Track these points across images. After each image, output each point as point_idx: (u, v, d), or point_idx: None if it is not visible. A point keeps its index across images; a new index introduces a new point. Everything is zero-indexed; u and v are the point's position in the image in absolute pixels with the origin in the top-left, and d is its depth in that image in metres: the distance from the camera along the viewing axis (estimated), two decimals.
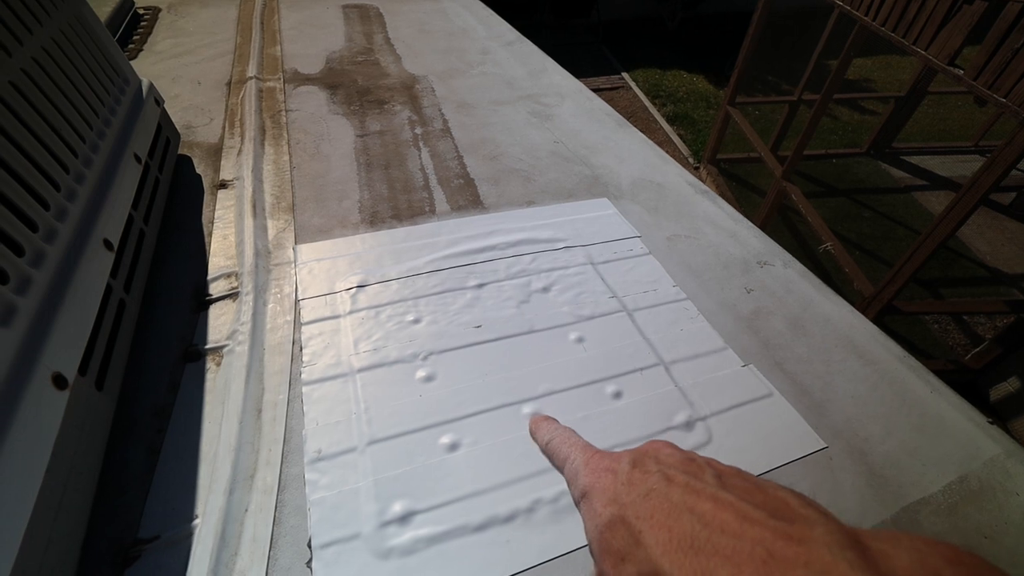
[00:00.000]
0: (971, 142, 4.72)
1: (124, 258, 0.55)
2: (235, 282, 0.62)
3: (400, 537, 0.40)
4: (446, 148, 0.89)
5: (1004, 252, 3.78)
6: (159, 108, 0.77)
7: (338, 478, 0.44)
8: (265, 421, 0.48)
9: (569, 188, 0.81)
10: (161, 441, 0.46)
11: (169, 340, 0.55)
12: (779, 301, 0.63)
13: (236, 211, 0.72)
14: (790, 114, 4.04)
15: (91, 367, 0.44)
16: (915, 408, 0.52)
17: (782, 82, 5.74)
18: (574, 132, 0.95)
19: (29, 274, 0.40)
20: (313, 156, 0.85)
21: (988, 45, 1.97)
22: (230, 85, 1.05)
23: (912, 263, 2.38)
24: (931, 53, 2.24)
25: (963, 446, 0.48)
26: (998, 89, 1.94)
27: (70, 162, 0.51)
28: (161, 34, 1.28)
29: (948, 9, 2.14)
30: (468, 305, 0.60)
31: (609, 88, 5.93)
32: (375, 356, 0.54)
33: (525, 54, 1.26)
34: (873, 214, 4.17)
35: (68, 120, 0.52)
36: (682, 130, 5.33)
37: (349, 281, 0.62)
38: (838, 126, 5.21)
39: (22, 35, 0.48)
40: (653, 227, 0.74)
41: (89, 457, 0.42)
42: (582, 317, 0.59)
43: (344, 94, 1.04)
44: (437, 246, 0.68)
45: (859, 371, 0.55)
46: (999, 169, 1.95)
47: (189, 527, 0.41)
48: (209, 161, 0.83)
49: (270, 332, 0.56)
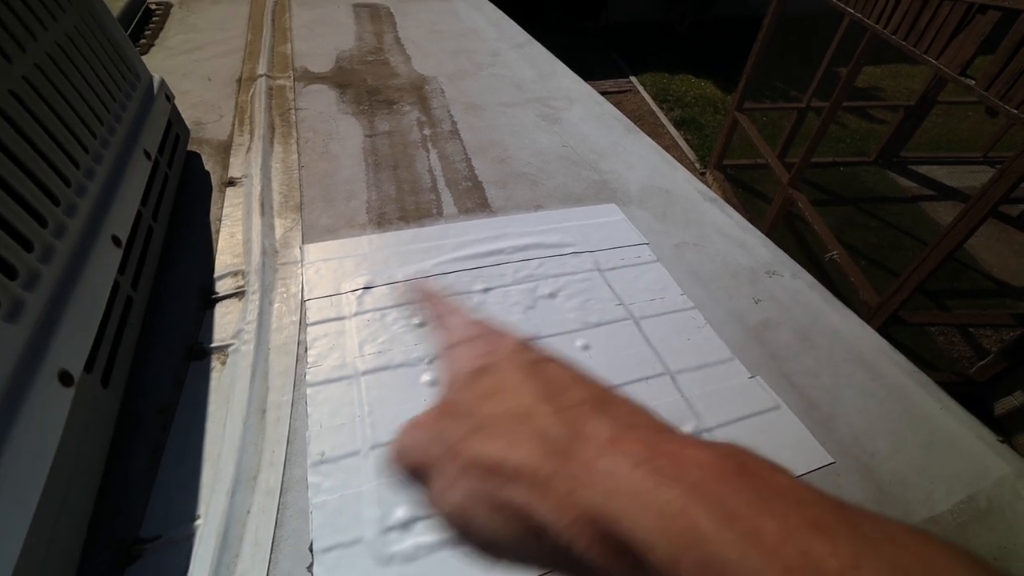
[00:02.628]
0: (980, 153, 4.69)
1: (132, 255, 0.55)
2: (242, 281, 0.62)
3: (402, 543, 0.40)
4: (454, 150, 0.89)
5: (1012, 265, 3.75)
6: (169, 104, 0.77)
7: (341, 482, 0.44)
8: (269, 422, 0.48)
9: (577, 193, 0.81)
10: (164, 440, 0.46)
11: (174, 338, 0.55)
12: (787, 312, 0.63)
13: (244, 209, 0.72)
14: (798, 121, 4.03)
15: (97, 364, 0.44)
16: (924, 424, 0.51)
17: (790, 89, 5.72)
18: (583, 136, 0.95)
19: (38, 269, 0.40)
20: (322, 155, 0.85)
21: (1001, 55, 1.96)
22: (240, 82, 1.05)
23: (918, 274, 2.36)
24: (942, 62, 2.22)
25: (973, 464, 0.48)
26: (1010, 100, 1.92)
27: (81, 158, 0.51)
28: (172, 29, 1.28)
29: (960, 18, 2.12)
30: (474, 309, 0.60)
31: (617, 91, 5.92)
32: (380, 359, 0.53)
33: (535, 56, 1.25)
34: (880, 223, 4.15)
35: (79, 115, 0.52)
36: (689, 135, 5.32)
37: (355, 282, 0.62)
38: (846, 134, 5.19)
39: (36, 30, 0.48)
40: (661, 234, 0.74)
41: (93, 455, 0.42)
42: (588, 324, 0.59)
43: (353, 93, 1.04)
44: (444, 249, 0.68)
45: (868, 385, 0.55)
46: (1009, 180, 1.94)
47: (191, 527, 0.41)
48: (218, 158, 0.83)
49: (275, 332, 0.56)
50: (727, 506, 0.13)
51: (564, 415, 0.18)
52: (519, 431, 0.18)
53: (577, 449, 0.17)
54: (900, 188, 4.51)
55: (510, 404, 0.20)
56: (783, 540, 0.12)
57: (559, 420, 0.18)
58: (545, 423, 0.18)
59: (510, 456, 0.18)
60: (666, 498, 0.14)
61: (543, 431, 0.18)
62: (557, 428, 0.18)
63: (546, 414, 0.19)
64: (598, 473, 0.16)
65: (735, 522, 0.13)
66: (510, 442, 0.18)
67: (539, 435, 0.18)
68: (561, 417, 0.18)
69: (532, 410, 0.19)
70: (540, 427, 0.18)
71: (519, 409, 0.19)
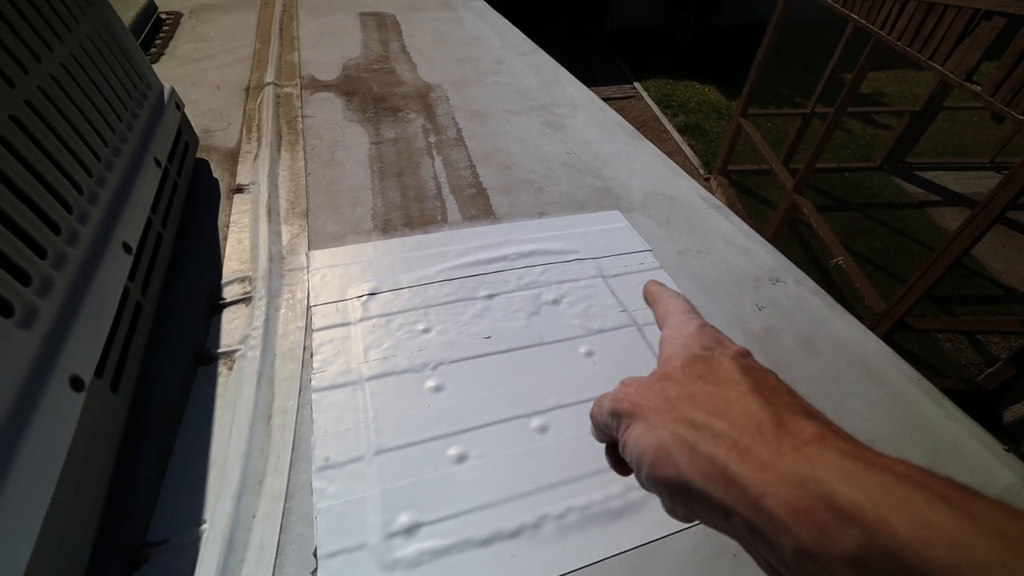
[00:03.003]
0: (987, 158, 4.67)
1: (142, 261, 0.56)
2: (248, 287, 0.62)
3: (405, 549, 0.40)
4: (459, 157, 0.90)
5: (1019, 271, 3.72)
6: (179, 113, 0.78)
7: (345, 487, 0.44)
8: (275, 427, 0.48)
9: (581, 200, 0.81)
10: (172, 444, 0.47)
11: (182, 343, 0.56)
12: (791, 319, 0.63)
13: (251, 216, 0.73)
14: (803, 127, 4.03)
15: (107, 369, 0.45)
16: (929, 432, 0.51)
17: (795, 95, 5.73)
18: (586, 143, 0.95)
19: (51, 276, 0.41)
20: (328, 162, 0.86)
21: (1007, 61, 1.95)
22: (248, 90, 1.07)
23: (925, 280, 2.35)
24: (948, 68, 2.22)
25: (978, 473, 0.48)
26: (1016, 105, 1.92)
27: (93, 166, 0.52)
28: (182, 39, 1.30)
29: (966, 24, 2.12)
30: (478, 316, 0.60)
31: (621, 97, 5.94)
32: (385, 365, 0.54)
33: (539, 64, 1.27)
34: (886, 229, 4.13)
35: (92, 124, 0.53)
36: (693, 140, 5.33)
37: (361, 288, 0.62)
38: (851, 140, 5.18)
39: (52, 41, 0.49)
40: (665, 241, 0.74)
41: (102, 459, 0.42)
42: (592, 330, 0.59)
43: (360, 101, 1.05)
44: (449, 255, 0.68)
45: (871, 393, 0.55)
46: (1016, 186, 1.93)
47: (197, 532, 0.41)
48: (226, 165, 0.84)
49: (282, 338, 0.57)
50: (952, 500, 0.15)
51: (772, 408, 0.20)
52: (728, 408, 0.21)
53: (782, 435, 0.19)
54: (906, 194, 4.49)
55: (723, 389, 0.22)
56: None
57: (767, 410, 0.20)
58: (752, 408, 0.21)
59: (717, 421, 0.21)
60: (883, 482, 0.16)
61: (750, 413, 0.20)
62: (764, 414, 0.20)
63: (755, 402, 0.21)
64: (803, 454, 0.18)
65: (977, 519, 0.14)
66: (719, 412, 0.21)
67: (746, 414, 0.20)
68: (769, 409, 0.20)
69: (743, 397, 0.21)
70: (748, 410, 0.21)
71: (730, 395, 0.22)
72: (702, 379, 0.24)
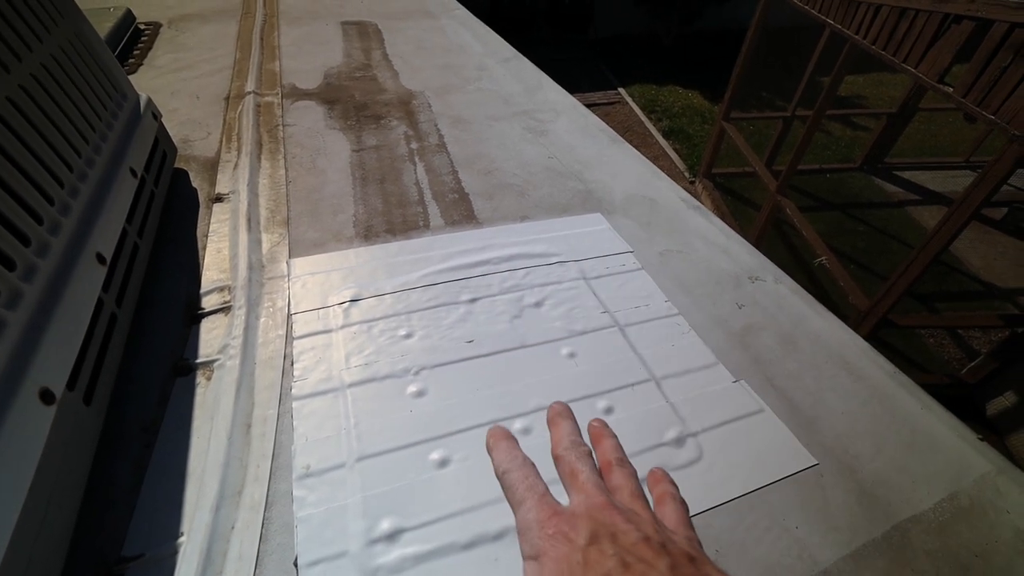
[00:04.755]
0: (962, 157, 4.79)
1: (117, 272, 0.55)
2: (228, 296, 0.62)
3: (387, 555, 0.40)
4: (441, 163, 0.90)
5: (997, 266, 3.81)
6: (156, 123, 0.78)
7: (326, 495, 0.44)
8: (254, 436, 0.48)
9: (563, 203, 0.82)
10: (148, 457, 0.46)
11: (160, 354, 0.55)
12: (770, 317, 0.64)
13: (231, 225, 0.73)
14: (784, 129, 4.10)
15: (80, 382, 0.44)
16: (906, 424, 0.52)
17: (776, 98, 5.83)
18: (568, 147, 0.96)
19: (20, 288, 0.40)
20: (309, 170, 0.86)
21: (976, 63, 2.01)
22: (228, 100, 1.06)
23: (906, 277, 2.40)
24: (921, 71, 2.28)
25: (953, 463, 0.48)
26: (987, 106, 1.97)
27: (65, 176, 0.51)
28: (161, 49, 1.29)
29: (937, 28, 2.18)
30: (461, 320, 0.60)
31: (606, 103, 6.01)
32: (366, 371, 0.54)
33: (521, 71, 1.28)
34: (867, 228, 4.21)
35: (64, 135, 0.53)
36: (678, 145, 5.39)
37: (342, 295, 0.62)
38: (831, 141, 5.28)
39: (21, 52, 0.49)
40: (646, 242, 0.75)
41: (74, 473, 0.41)
42: (574, 332, 0.60)
43: (341, 109, 1.05)
44: (431, 260, 0.68)
45: (850, 387, 0.55)
46: (990, 184, 1.98)
47: (174, 545, 0.40)
48: (205, 175, 0.84)
49: (262, 346, 0.56)
50: None
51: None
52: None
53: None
54: (886, 193, 4.59)
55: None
56: None
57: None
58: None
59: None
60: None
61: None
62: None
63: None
64: None
65: None
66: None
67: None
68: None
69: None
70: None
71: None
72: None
